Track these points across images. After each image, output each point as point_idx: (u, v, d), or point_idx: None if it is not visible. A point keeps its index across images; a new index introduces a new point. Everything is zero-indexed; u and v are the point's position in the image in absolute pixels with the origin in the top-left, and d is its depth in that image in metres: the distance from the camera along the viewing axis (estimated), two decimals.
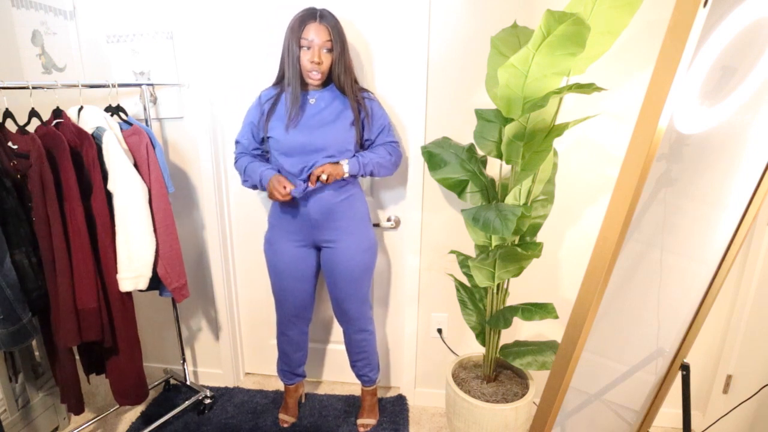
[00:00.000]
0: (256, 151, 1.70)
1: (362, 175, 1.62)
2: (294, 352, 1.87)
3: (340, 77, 1.55)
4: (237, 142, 1.71)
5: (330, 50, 1.51)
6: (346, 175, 1.58)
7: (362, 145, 1.68)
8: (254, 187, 1.65)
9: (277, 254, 1.70)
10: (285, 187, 1.53)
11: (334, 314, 1.82)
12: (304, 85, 1.58)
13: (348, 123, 1.58)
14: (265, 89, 1.66)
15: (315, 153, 1.56)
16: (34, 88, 1.39)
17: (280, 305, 1.79)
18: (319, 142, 1.55)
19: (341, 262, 1.67)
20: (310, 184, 1.53)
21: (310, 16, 1.48)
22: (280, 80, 1.61)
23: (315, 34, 1.47)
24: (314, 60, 1.48)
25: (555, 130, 1.33)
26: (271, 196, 1.56)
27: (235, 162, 1.71)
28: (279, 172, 1.62)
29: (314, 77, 1.52)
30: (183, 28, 1.77)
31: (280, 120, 1.57)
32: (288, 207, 1.64)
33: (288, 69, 1.53)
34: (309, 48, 1.49)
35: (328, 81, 1.60)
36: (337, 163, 1.57)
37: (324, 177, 1.51)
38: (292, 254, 1.69)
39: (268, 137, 1.60)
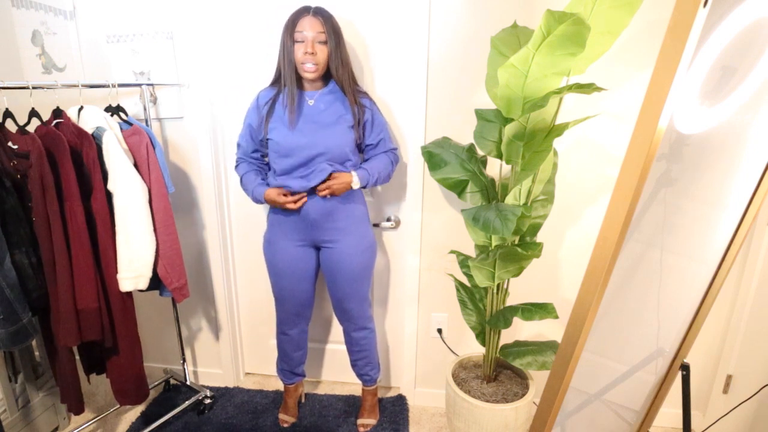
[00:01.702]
0: (255, 154, 1.70)
1: (368, 187, 1.63)
2: (293, 352, 1.87)
3: (338, 70, 1.54)
4: (238, 145, 1.72)
5: (324, 42, 1.50)
6: (356, 187, 1.59)
7: (361, 148, 1.68)
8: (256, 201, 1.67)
9: (276, 254, 1.70)
10: (292, 198, 1.57)
11: (335, 313, 1.82)
12: (300, 84, 1.58)
13: (348, 126, 1.58)
14: (262, 90, 1.65)
15: (315, 156, 1.56)
16: (34, 88, 1.39)
17: (279, 305, 1.79)
18: (319, 144, 1.55)
19: (341, 262, 1.68)
20: (318, 195, 1.56)
21: (302, 11, 1.50)
22: (276, 80, 1.61)
23: (308, 27, 1.47)
24: (308, 51, 1.48)
25: (555, 130, 1.33)
26: (282, 207, 1.58)
27: (236, 167, 1.73)
28: (268, 185, 1.64)
29: (309, 69, 1.51)
30: (183, 28, 1.77)
31: (280, 121, 1.57)
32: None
33: (284, 66, 1.54)
34: (303, 41, 1.49)
35: (326, 80, 1.60)
36: (347, 173, 1.58)
37: (328, 197, 1.56)
38: (292, 254, 1.69)
39: (267, 139, 1.60)
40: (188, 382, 2.13)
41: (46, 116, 1.50)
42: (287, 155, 1.56)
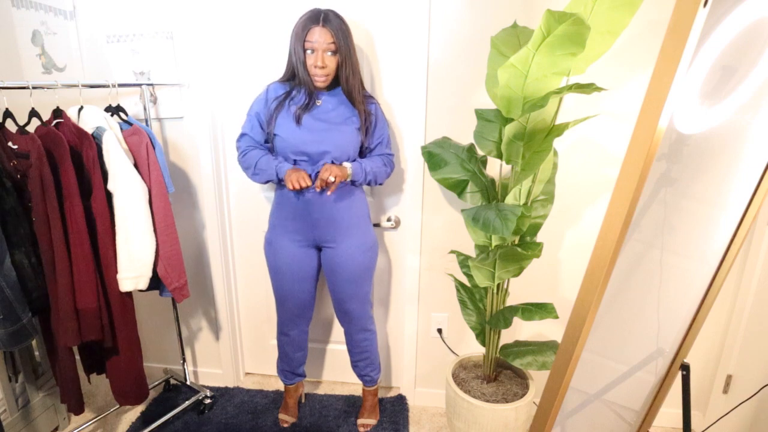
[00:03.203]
0: (267, 144, 1.65)
1: (359, 183, 1.62)
2: (294, 352, 1.87)
3: (348, 80, 1.54)
4: (243, 135, 1.64)
5: (334, 53, 1.50)
6: (349, 178, 1.57)
7: (362, 151, 1.68)
8: (266, 181, 1.60)
9: (277, 254, 1.70)
10: (305, 179, 1.49)
11: (336, 314, 1.82)
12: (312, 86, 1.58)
13: (354, 128, 1.58)
14: (273, 83, 1.63)
15: (321, 154, 1.56)
16: (34, 88, 1.39)
17: (280, 305, 1.79)
18: (326, 143, 1.55)
19: (342, 263, 1.67)
20: (316, 187, 1.51)
21: (313, 19, 1.47)
22: (288, 78, 1.60)
23: (318, 38, 1.46)
24: (317, 64, 1.48)
25: (555, 130, 1.33)
26: (290, 186, 1.50)
27: (243, 155, 1.62)
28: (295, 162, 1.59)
29: (319, 80, 1.52)
30: (183, 28, 1.77)
31: (288, 119, 1.57)
32: (289, 207, 1.64)
33: (297, 69, 1.53)
34: (313, 52, 1.48)
35: (335, 83, 1.60)
36: (341, 165, 1.57)
37: (332, 179, 1.48)
38: (293, 254, 1.69)
39: (274, 135, 1.59)
40: (188, 382, 2.13)
41: (46, 116, 1.50)
42: (293, 152, 1.56)
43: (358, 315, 1.77)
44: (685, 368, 1.27)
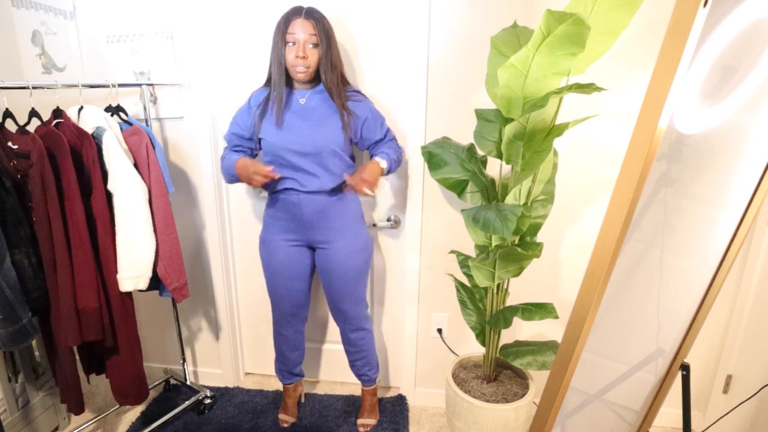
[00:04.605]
0: (237, 148, 1.68)
1: (388, 172, 1.63)
2: (290, 352, 1.87)
3: (327, 75, 1.54)
4: (227, 136, 1.70)
5: (316, 45, 1.50)
6: (384, 172, 1.59)
7: (367, 146, 1.68)
8: (232, 179, 1.62)
9: (271, 254, 1.70)
10: (263, 169, 1.50)
11: (331, 314, 1.82)
12: (291, 83, 1.58)
13: (339, 126, 1.58)
14: (255, 90, 1.65)
15: (306, 154, 1.55)
16: (34, 88, 1.39)
17: (275, 305, 1.79)
18: (309, 142, 1.54)
19: (335, 263, 1.67)
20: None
21: (295, 12, 1.49)
22: (270, 80, 1.61)
23: (300, 29, 1.47)
24: (299, 54, 1.48)
25: (555, 130, 1.33)
26: (251, 182, 1.52)
27: (221, 158, 1.70)
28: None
29: (300, 71, 1.51)
30: (183, 28, 1.77)
31: (272, 121, 1.57)
32: (281, 206, 1.64)
33: (273, 66, 1.54)
34: (294, 43, 1.49)
35: (317, 81, 1.60)
36: (373, 162, 1.57)
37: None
38: (287, 254, 1.69)
39: (260, 139, 1.60)
40: (188, 382, 2.13)
41: (46, 116, 1.50)
42: (279, 153, 1.56)
43: (353, 315, 1.77)
44: (685, 368, 1.27)
